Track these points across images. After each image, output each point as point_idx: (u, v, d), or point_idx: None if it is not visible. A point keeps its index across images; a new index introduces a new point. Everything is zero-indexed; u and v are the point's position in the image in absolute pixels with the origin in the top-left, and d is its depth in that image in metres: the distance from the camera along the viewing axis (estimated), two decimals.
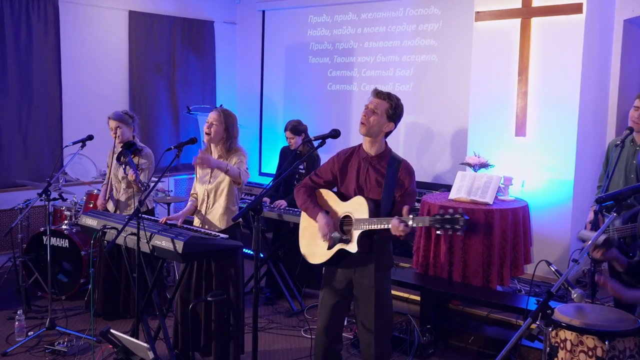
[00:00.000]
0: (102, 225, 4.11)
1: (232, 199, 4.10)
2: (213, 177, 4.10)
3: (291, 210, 5.38)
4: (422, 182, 6.53)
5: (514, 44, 5.76)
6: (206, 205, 4.11)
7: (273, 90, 8.37)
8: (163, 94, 7.81)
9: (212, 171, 4.10)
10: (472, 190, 5.06)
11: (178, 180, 8.01)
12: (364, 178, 3.32)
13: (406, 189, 3.26)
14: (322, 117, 7.68)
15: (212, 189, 4.08)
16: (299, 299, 5.49)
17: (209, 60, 8.29)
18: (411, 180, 3.29)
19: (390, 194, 3.24)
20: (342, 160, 3.43)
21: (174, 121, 7.95)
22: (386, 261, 3.38)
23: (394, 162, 3.30)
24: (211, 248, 3.69)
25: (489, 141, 5.95)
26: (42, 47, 6.64)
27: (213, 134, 4.04)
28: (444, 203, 4.99)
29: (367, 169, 3.32)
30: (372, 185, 3.30)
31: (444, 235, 4.80)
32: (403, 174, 3.27)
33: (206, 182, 4.13)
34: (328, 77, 7.76)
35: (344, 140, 6.66)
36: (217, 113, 4.07)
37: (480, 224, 4.76)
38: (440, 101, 6.80)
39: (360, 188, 3.32)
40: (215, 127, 4.03)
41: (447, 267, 4.88)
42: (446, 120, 6.73)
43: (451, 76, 6.69)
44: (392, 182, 3.25)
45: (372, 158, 3.34)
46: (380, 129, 3.27)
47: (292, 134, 5.58)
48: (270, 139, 8.39)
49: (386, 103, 3.26)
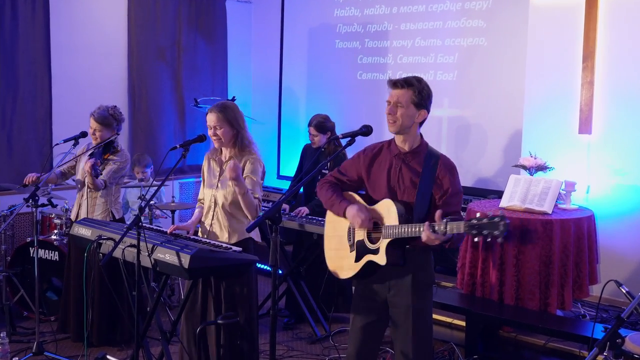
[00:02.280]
0: (97, 236, 4.14)
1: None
2: (222, 181, 4.12)
3: (314, 219, 5.39)
4: (468, 188, 6.50)
5: (577, 25, 5.71)
6: (213, 212, 4.15)
7: (294, 80, 8.38)
8: (167, 84, 7.86)
9: (220, 174, 4.14)
10: (528, 198, 5.04)
11: (184, 184, 8.05)
12: (396, 178, 3.33)
13: (447, 189, 3.25)
14: (350, 111, 7.68)
15: (222, 194, 4.11)
16: (323, 323, 5.50)
17: (219, 45, 8.34)
18: (452, 179, 3.28)
19: (426, 196, 3.23)
20: (370, 157, 3.45)
21: (179, 116, 8.00)
22: (426, 276, 3.37)
23: (431, 158, 3.30)
24: (222, 263, 3.70)
25: (548, 139, 5.91)
26: (29, 31, 6.72)
27: (223, 138, 4.07)
28: (495, 212, 4.86)
29: (399, 168, 3.33)
30: (406, 186, 3.30)
31: (483, 243, 4.76)
32: (442, 172, 3.27)
33: (214, 187, 4.16)
34: (358, 64, 7.75)
35: (377, 139, 6.60)
36: (215, 114, 4.07)
37: (537, 237, 4.75)
38: (489, 92, 6.75)
39: (392, 190, 3.33)
40: (220, 130, 4.06)
41: (497, 287, 4.86)
42: (496, 114, 6.69)
43: (503, 63, 6.64)
44: (428, 182, 3.25)
45: (405, 154, 3.35)
46: (412, 121, 3.30)
47: (317, 131, 5.62)
48: (290, 137, 8.41)
49: (408, 91, 3.28)
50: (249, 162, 4.07)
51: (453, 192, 3.27)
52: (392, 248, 3.21)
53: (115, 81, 7.51)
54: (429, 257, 3.39)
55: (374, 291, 3.39)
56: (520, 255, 4.79)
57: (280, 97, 8.53)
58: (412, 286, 3.30)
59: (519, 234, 4.78)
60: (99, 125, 5.00)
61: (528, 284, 4.76)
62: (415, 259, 3.29)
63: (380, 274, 3.35)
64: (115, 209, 5.11)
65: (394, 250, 3.22)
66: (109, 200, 5.08)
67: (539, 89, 6.00)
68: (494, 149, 6.71)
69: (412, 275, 3.31)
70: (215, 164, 4.21)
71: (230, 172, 3.86)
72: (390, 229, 3.19)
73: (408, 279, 3.31)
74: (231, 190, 4.05)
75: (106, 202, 5.07)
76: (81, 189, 5.15)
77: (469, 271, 5.06)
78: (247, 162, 4.07)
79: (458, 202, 3.29)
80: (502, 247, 4.83)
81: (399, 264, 3.26)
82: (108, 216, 5.04)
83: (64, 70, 7.06)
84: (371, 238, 3.31)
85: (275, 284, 3.10)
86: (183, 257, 3.56)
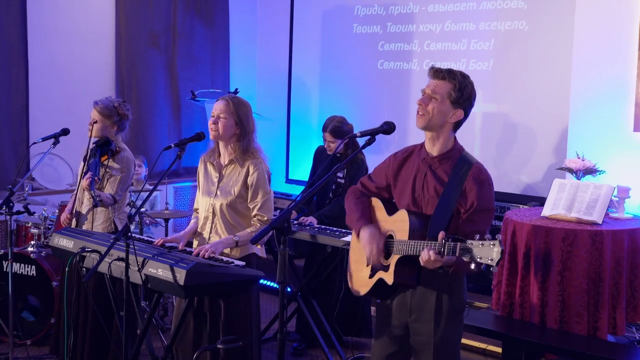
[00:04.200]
0: (80, 248, 4.12)
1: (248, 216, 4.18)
2: (221, 188, 4.15)
3: (328, 229, 5.38)
4: (505, 194, 6.50)
5: (632, 8, 5.69)
6: (211, 224, 4.17)
7: (305, 71, 8.38)
8: (160, 74, 7.88)
9: (220, 178, 4.17)
10: (574, 205, 5.03)
11: (179, 189, 8.06)
12: (420, 186, 3.34)
13: (471, 204, 3.22)
14: (370, 106, 7.68)
15: (221, 203, 4.14)
16: (338, 349, 5.45)
17: (220, 30, 8.36)
18: (480, 193, 3.23)
19: (447, 209, 3.23)
20: (399, 161, 3.47)
21: (174, 110, 8.03)
22: (454, 301, 3.34)
23: (462, 166, 3.28)
24: (223, 279, 3.71)
25: (598, 139, 5.89)
26: (2, 13, 6.70)
27: (222, 130, 4.10)
28: (536, 221, 4.97)
29: (425, 174, 3.34)
30: (430, 196, 3.30)
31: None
32: (470, 183, 3.24)
33: (211, 195, 4.18)
34: (379, 52, 7.74)
35: (400, 139, 6.76)
36: (225, 102, 4.13)
37: (585, 250, 4.73)
38: (530, 84, 6.73)
39: (416, 201, 3.34)
40: (223, 121, 4.09)
41: (539, 308, 4.83)
42: (538, 109, 6.66)
43: (546, 50, 6.61)
44: (452, 193, 3.23)
45: (432, 159, 3.34)
46: (444, 120, 3.27)
47: (333, 137, 5.60)
48: (300, 135, 8.42)
49: (447, 83, 3.25)
50: (252, 167, 4.11)
51: (479, 208, 3.23)
52: (402, 266, 3.22)
53: (101, 71, 7.53)
54: (460, 279, 3.36)
55: (394, 314, 3.40)
56: (565, 271, 4.76)
57: (290, 90, 8.52)
58: (437, 311, 3.29)
59: (564, 247, 4.76)
60: (99, 116, 4.93)
61: (574, 305, 4.73)
62: (441, 280, 3.27)
63: (401, 295, 3.36)
64: (119, 219, 5.00)
65: (404, 269, 3.22)
66: (113, 209, 4.97)
67: (587, 80, 5.98)
68: (535, 150, 6.67)
69: (436, 299, 3.29)
70: (213, 169, 4.24)
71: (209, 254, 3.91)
72: (400, 245, 3.22)
73: (431, 303, 3.30)
74: (232, 199, 4.09)
75: (109, 211, 4.96)
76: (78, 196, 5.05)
77: (505, 290, 5.03)
78: (250, 168, 4.11)
79: (484, 221, 3.25)
80: (545, 262, 4.81)
81: (410, 285, 3.28)
82: (110, 227, 4.94)
83: (43, 59, 7.07)
84: (388, 252, 3.33)
85: (283, 303, 3.10)
86: (178, 273, 3.55)
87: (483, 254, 2.85)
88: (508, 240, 5.00)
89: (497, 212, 5.71)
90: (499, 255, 2.81)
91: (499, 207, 6.16)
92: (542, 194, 6.11)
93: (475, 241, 2.89)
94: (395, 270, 3.21)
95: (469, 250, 2.89)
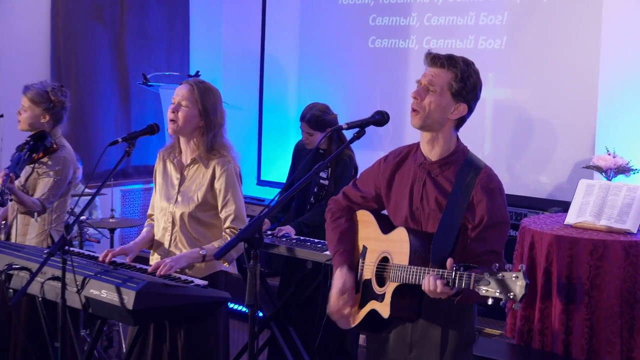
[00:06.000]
0: (5, 264, 4.09)
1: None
2: (183, 193, 4.16)
3: (308, 241, 5.34)
4: (521, 197, 6.48)
5: None
6: (171, 235, 4.16)
7: (281, 50, 8.37)
8: (105, 53, 7.86)
9: (182, 180, 4.18)
10: (604, 211, 4.99)
11: (127, 192, 8.04)
12: (419, 197, 3.33)
13: (481, 218, 3.22)
14: (360, 92, 7.66)
15: (183, 211, 4.12)
16: None
17: (178, 2, 8.34)
18: (491, 204, 3.23)
19: (452, 226, 3.23)
20: (391, 166, 3.46)
21: (122, 97, 8.01)
22: (462, 334, 3.35)
23: (467, 172, 3.28)
24: (181, 302, 3.70)
25: (631, 132, 5.90)
26: None
27: (182, 122, 4.09)
28: (558, 231, 4.92)
29: (423, 183, 3.33)
30: (430, 209, 3.30)
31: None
32: (478, 193, 3.23)
33: (171, 200, 4.18)
34: (370, 27, 7.71)
35: (395, 131, 6.81)
36: (189, 88, 4.13)
37: (617, 265, 4.69)
38: (550, 66, 6.70)
39: (415, 216, 3.34)
40: (185, 110, 4.09)
41: (562, 335, 4.80)
42: (561, 96, 6.62)
43: (569, 25, 6.58)
44: (457, 205, 3.23)
45: (432, 165, 3.33)
46: (444, 117, 3.26)
47: (311, 128, 5.62)
48: (274, 127, 8.40)
49: (447, 72, 3.24)
50: (220, 168, 4.11)
51: (490, 223, 3.22)
52: (401, 296, 3.20)
53: (34, 50, 7.50)
54: (470, 308, 3.40)
55: (390, 349, 3.39)
56: (593, 290, 4.72)
57: (262, 73, 8.51)
58: (442, 347, 3.29)
59: (592, 262, 4.73)
60: (28, 103, 4.96)
61: (605, 331, 4.69)
62: (448, 311, 3.27)
63: (399, 327, 3.35)
64: (56, 231, 5.01)
65: (403, 299, 3.22)
66: (48, 219, 4.99)
67: (620, 61, 5.99)
68: (557, 144, 6.65)
69: (441, 332, 3.30)
70: (174, 169, 4.24)
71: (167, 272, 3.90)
72: (398, 270, 3.20)
73: (436, 337, 3.30)
74: (195, 206, 4.10)
75: (43, 222, 4.98)
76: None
77: (522, 313, 5.01)
78: (217, 169, 4.12)
79: (498, 238, 3.26)
80: (569, 279, 4.77)
81: (410, 319, 3.28)
82: (46, 241, 4.96)
83: None
84: (382, 278, 3.32)
85: (253, 331, 3.09)
86: (126, 294, 3.54)
87: (503, 288, 2.83)
88: (525, 253, 4.97)
89: (511, 219, 5.50)
90: (522, 291, 2.79)
91: (514, 213, 6.16)
92: (566, 197, 6.06)
93: (493, 272, 2.87)
94: (392, 302, 3.20)
95: (485, 282, 2.87)
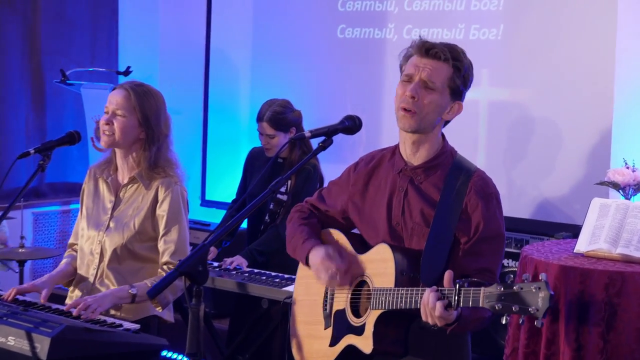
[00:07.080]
0: None
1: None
2: (116, 219, 4.10)
3: (264, 274, 5.31)
4: (521, 220, 6.25)
5: None
6: (97, 270, 4.11)
7: (230, 42, 8.24)
8: (15, 44, 7.66)
9: (117, 204, 4.13)
10: (622, 237, 4.70)
11: (41, 215, 7.88)
12: (399, 211, 3.29)
13: (476, 229, 3.18)
14: (327, 92, 7.52)
15: (114, 241, 4.07)
16: None
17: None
18: (486, 212, 3.19)
19: (443, 240, 3.20)
20: (364, 175, 3.44)
21: (35, 99, 7.82)
22: None
23: (457, 175, 3.25)
24: (105, 350, 3.60)
25: None
26: None
27: (119, 134, 4.03)
28: (567, 261, 4.60)
29: (405, 193, 3.30)
30: (415, 223, 3.26)
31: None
32: (472, 199, 3.20)
33: (101, 227, 4.13)
34: (339, 13, 7.52)
35: (370, 138, 6.82)
36: (124, 93, 4.07)
37: (638, 303, 4.43)
38: (556, 60, 6.49)
39: (394, 231, 3.30)
40: (121, 120, 4.03)
41: None
42: (567, 97, 6.42)
43: (578, 11, 6.38)
44: (448, 214, 3.19)
45: (415, 170, 3.28)
46: (439, 117, 3.24)
47: (274, 129, 5.57)
48: (223, 136, 8.27)
49: (448, 67, 3.18)
50: (163, 191, 4.06)
51: (486, 234, 3.18)
52: (385, 326, 3.14)
53: None
54: (464, 340, 3.38)
55: None
56: (610, 333, 4.39)
57: (208, 71, 8.39)
58: None
59: (608, 297, 4.49)
60: None
61: None
62: (438, 344, 3.24)
63: None
64: None
65: (388, 330, 3.15)
66: None
67: (637, 59, 5.81)
68: (564, 155, 6.45)
69: None
70: (107, 189, 4.19)
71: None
72: (381, 295, 3.12)
73: None
74: (131, 236, 4.05)
75: None
76: None
77: (524, 358, 4.74)
78: (160, 191, 4.06)
79: (495, 254, 3.23)
80: (580, 319, 4.56)
81: (397, 354, 3.21)
82: None
83: None
84: (357, 307, 3.27)
85: None
86: (39, 342, 3.45)
87: (521, 302, 2.75)
88: None
89: (509, 246, 5.65)
90: (547, 303, 2.70)
91: (512, 239, 6.05)
92: (575, 220, 5.96)
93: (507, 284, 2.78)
94: (375, 333, 3.12)
95: (498, 297, 2.77)
